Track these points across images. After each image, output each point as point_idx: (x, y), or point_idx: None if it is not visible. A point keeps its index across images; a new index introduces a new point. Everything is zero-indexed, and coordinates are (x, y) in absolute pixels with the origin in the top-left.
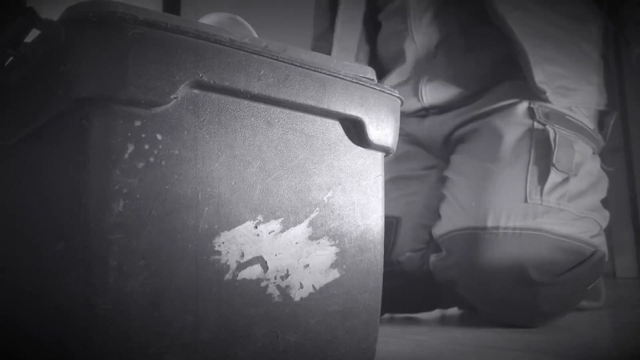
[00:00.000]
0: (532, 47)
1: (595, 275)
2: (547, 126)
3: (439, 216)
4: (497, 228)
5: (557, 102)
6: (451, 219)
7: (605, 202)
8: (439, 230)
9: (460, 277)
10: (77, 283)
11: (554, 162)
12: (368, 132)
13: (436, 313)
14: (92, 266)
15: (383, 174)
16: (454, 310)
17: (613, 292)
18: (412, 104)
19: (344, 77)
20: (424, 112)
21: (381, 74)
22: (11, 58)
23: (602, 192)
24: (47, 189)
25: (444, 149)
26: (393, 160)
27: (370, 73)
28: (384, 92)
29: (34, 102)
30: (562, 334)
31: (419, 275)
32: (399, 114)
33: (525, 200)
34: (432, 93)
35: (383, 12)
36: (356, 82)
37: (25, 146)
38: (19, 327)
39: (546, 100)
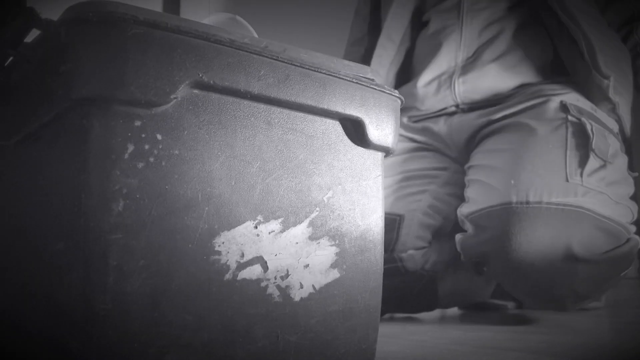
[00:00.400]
0: (597, 41)
1: (628, 262)
2: (583, 119)
3: (463, 199)
4: (540, 202)
5: (612, 95)
6: (485, 197)
7: (634, 198)
8: (468, 208)
9: (494, 253)
10: (77, 283)
11: (593, 147)
12: (368, 132)
13: (436, 313)
14: (92, 266)
15: (383, 174)
16: (454, 310)
17: (613, 292)
18: (444, 100)
19: (344, 77)
20: (454, 109)
21: (413, 73)
22: (11, 58)
23: (631, 187)
24: (47, 189)
25: (465, 149)
26: (402, 160)
27: (370, 73)
28: (384, 92)
29: (34, 102)
30: (562, 334)
31: (420, 274)
32: (399, 114)
33: (567, 180)
34: (466, 89)
35: (433, 10)
36: (356, 82)
37: (26, 146)
38: (19, 327)
39: (605, 91)
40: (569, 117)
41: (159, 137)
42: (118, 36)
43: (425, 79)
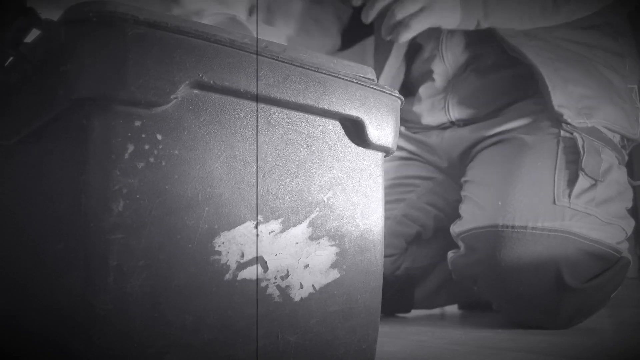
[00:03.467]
0: (553, 71)
1: (619, 281)
2: (575, 133)
3: (458, 216)
4: (525, 227)
5: (580, 124)
6: (474, 217)
7: (631, 212)
8: (459, 227)
9: (482, 274)
10: (77, 283)
11: (582, 167)
12: (368, 132)
13: (436, 312)
14: (92, 266)
15: (383, 174)
16: (454, 310)
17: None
18: (439, 117)
19: (344, 77)
20: (448, 125)
21: (411, 92)
22: (11, 58)
23: (628, 201)
24: (48, 188)
25: (459, 162)
26: (388, 167)
27: (371, 73)
28: (384, 92)
29: (34, 102)
30: (562, 334)
31: (391, 280)
32: (399, 114)
33: (554, 202)
34: (459, 108)
35: (420, 53)
36: (356, 83)
37: (26, 146)
38: (19, 327)
39: (566, 122)
40: (562, 132)
41: (159, 137)
42: (118, 36)
43: (420, 101)
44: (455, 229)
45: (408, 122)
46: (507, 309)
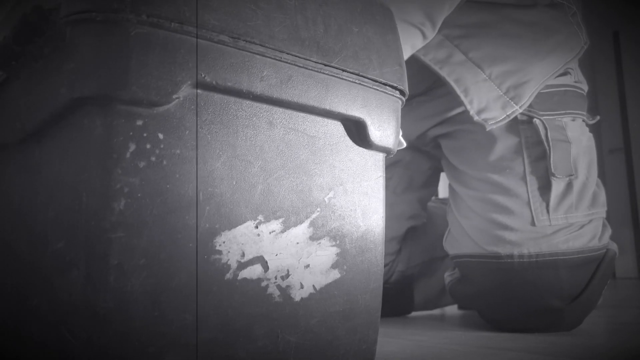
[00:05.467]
0: (462, 69)
1: (608, 274)
2: (534, 118)
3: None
4: (511, 257)
5: (510, 115)
6: (461, 241)
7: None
8: (451, 249)
9: (479, 304)
10: (78, 282)
11: (552, 171)
12: (370, 133)
13: (436, 312)
14: (92, 265)
15: (384, 175)
16: (454, 310)
17: (613, 292)
18: None
19: (347, 78)
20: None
21: None
22: (15, 56)
23: (594, 161)
24: (49, 187)
25: (419, 143)
26: None
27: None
28: (386, 93)
29: (36, 100)
30: (561, 334)
31: (385, 287)
32: (399, 115)
33: (533, 224)
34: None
35: None
36: (359, 83)
37: (28, 145)
38: (18, 327)
39: (496, 123)
40: (519, 117)
41: (160, 136)
42: (121, 36)
43: None
44: (448, 248)
45: None
46: (510, 330)
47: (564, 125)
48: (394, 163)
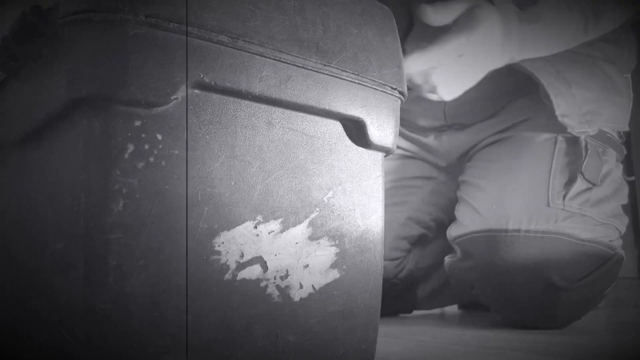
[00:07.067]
0: (554, 76)
1: (612, 278)
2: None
3: (454, 217)
4: (518, 231)
5: (581, 133)
6: (469, 221)
7: (625, 208)
8: (455, 231)
9: (479, 280)
10: (77, 283)
11: (582, 170)
12: (369, 133)
13: (436, 312)
14: (92, 266)
15: (383, 174)
16: (454, 310)
17: (613, 292)
18: (436, 121)
19: (346, 78)
20: (445, 128)
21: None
22: (14, 56)
23: (623, 198)
24: (47, 188)
25: (458, 163)
26: (387, 168)
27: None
28: (385, 92)
29: (35, 101)
30: (562, 334)
31: (394, 282)
32: (399, 114)
33: (548, 205)
34: (456, 113)
35: None
36: (358, 83)
37: (26, 145)
38: (18, 327)
39: (572, 132)
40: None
41: (159, 137)
42: (119, 36)
43: (416, 102)
44: (451, 232)
45: (404, 121)
46: (505, 312)
47: (601, 151)
48: (430, 178)
